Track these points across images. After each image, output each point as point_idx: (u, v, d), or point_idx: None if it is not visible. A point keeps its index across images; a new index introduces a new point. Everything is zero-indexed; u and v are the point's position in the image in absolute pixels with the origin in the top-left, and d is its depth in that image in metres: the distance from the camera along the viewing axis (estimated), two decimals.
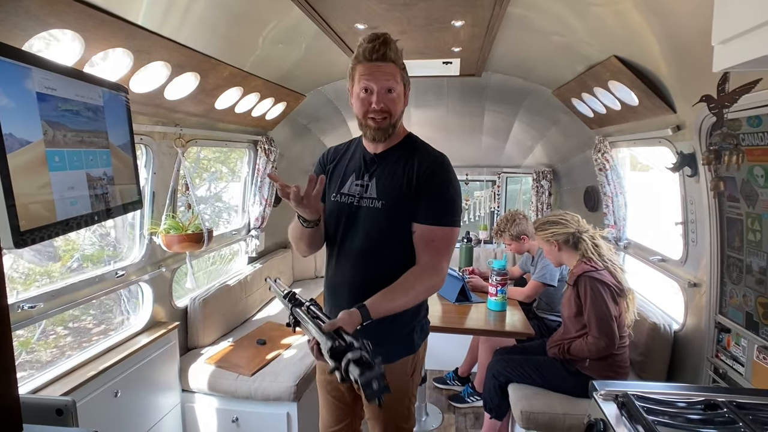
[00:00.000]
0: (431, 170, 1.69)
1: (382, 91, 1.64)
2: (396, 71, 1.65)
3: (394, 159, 1.76)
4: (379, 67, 1.63)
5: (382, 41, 1.62)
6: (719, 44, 1.24)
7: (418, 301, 1.73)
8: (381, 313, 1.59)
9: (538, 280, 3.47)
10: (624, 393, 1.50)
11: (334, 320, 1.43)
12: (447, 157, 1.77)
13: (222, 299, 3.52)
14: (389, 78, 1.64)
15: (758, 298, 2.21)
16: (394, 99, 1.66)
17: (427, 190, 1.68)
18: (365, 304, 1.56)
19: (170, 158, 3.01)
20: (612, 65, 2.59)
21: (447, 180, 1.71)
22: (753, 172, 2.10)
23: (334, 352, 1.25)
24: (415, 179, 1.69)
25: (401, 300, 1.65)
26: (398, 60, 1.66)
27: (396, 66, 1.65)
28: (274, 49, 2.84)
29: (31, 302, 2.11)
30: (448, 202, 1.70)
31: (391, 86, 1.65)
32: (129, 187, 2.02)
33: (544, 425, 2.61)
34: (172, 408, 3.00)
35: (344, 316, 1.48)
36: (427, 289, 1.71)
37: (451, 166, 1.76)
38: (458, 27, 2.57)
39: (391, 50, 1.63)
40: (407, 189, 1.70)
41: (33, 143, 1.39)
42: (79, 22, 1.70)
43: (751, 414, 1.40)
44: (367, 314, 1.54)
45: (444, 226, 1.70)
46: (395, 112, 1.68)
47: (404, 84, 1.71)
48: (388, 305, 1.62)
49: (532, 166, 5.12)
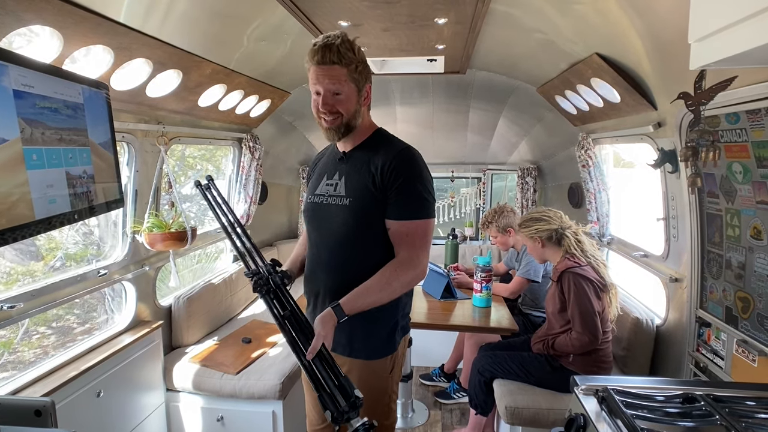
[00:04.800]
0: (395, 165, 1.68)
1: (328, 93, 1.66)
2: (342, 74, 1.65)
3: (360, 156, 1.77)
4: (325, 71, 1.64)
5: (324, 45, 1.61)
6: (696, 42, 1.26)
7: (396, 295, 1.72)
8: (356, 309, 1.61)
9: (522, 276, 3.49)
10: (604, 388, 1.51)
11: (313, 343, 1.45)
12: (412, 149, 1.76)
13: (207, 298, 3.50)
14: (334, 81, 1.64)
15: (737, 292, 2.24)
16: (342, 100, 1.67)
17: (394, 186, 1.67)
18: (339, 303, 1.58)
19: (153, 156, 2.98)
20: (594, 63, 2.61)
21: (412, 173, 1.70)
22: (732, 168, 2.13)
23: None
24: (380, 175, 1.69)
25: (376, 295, 1.66)
26: (347, 60, 1.64)
27: (343, 67, 1.64)
28: (258, 47, 2.82)
29: (11, 302, 2.08)
30: (416, 195, 1.69)
31: (336, 89, 1.66)
32: (110, 185, 1.99)
33: (529, 420, 2.63)
34: (157, 407, 2.98)
35: (318, 328, 1.51)
36: (405, 283, 1.71)
37: (417, 158, 1.74)
38: (441, 24, 2.57)
39: (334, 53, 1.61)
40: (372, 185, 1.70)
41: (9, 141, 1.37)
42: (58, 18, 1.67)
43: (727, 407, 1.42)
44: (342, 312, 1.57)
45: (416, 219, 1.70)
46: (346, 112, 1.69)
47: (357, 83, 1.70)
48: (363, 301, 1.63)
49: (517, 163, 5.14)
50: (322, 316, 1.56)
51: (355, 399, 1.36)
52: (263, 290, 1.57)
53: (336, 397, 1.36)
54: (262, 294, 1.57)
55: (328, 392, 1.38)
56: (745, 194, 2.10)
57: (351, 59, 1.65)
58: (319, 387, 1.40)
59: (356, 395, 1.37)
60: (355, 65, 1.67)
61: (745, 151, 2.01)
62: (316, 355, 1.44)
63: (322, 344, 1.47)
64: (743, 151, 2.03)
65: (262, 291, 1.57)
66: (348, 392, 1.37)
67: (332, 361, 1.46)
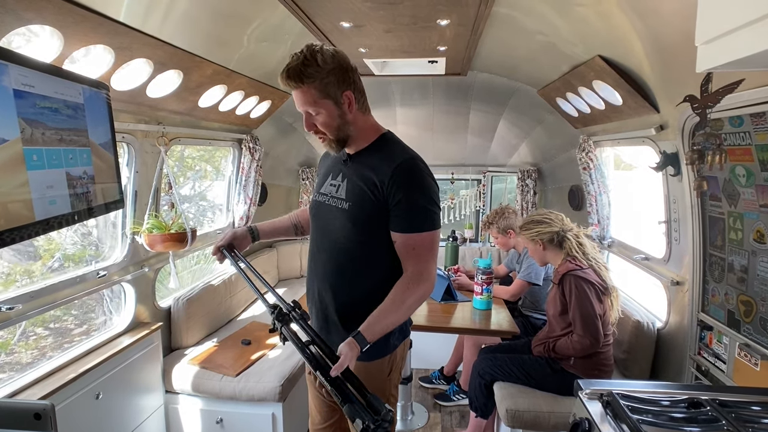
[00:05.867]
0: (398, 177, 1.64)
1: (305, 115, 1.65)
2: (310, 94, 1.59)
3: (363, 161, 1.74)
4: (295, 95, 1.62)
5: (286, 69, 1.57)
6: (703, 45, 1.25)
7: (412, 311, 1.72)
8: (378, 333, 1.58)
9: (523, 279, 3.49)
10: (609, 392, 1.51)
11: (340, 360, 1.43)
12: (416, 159, 1.71)
13: (206, 299, 3.49)
14: (305, 104, 1.61)
15: (739, 296, 2.23)
16: (320, 120, 1.64)
17: (398, 198, 1.64)
18: (360, 330, 1.55)
19: (153, 157, 2.97)
20: (596, 65, 2.61)
21: (416, 186, 1.66)
22: (735, 171, 2.13)
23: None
24: (381, 185, 1.65)
25: (394, 315, 1.64)
26: (311, 78, 1.57)
27: (309, 87, 1.58)
28: (258, 47, 2.81)
29: (10, 303, 2.06)
30: (420, 208, 1.66)
31: (309, 111, 1.63)
32: (110, 186, 1.99)
33: (530, 423, 2.62)
34: (156, 410, 2.96)
35: (345, 350, 1.48)
36: (418, 298, 1.69)
37: (421, 168, 1.69)
38: (444, 26, 2.56)
39: (295, 77, 1.56)
40: (373, 194, 1.67)
41: (9, 141, 1.36)
42: (58, 17, 1.66)
43: (733, 412, 1.41)
44: (363, 340, 1.54)
45: (422, 232, 1.67)
46: (327, 130, 1.66)
47: (331, 95, 1.61)
48: (383, 323, 1.61)
49: (517, 165, 5.13)
50: (347, 343, 1.51)
51: (387, 413, 1.32)
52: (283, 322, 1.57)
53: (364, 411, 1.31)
54: (281, 327, 1.56)
55: (357, 403, 1.34)
56: (749, 197, 2.10)
57: (315, 74, 1.57)
58: (345, 400, 1.35)
59: (388, 408, 1.33)
60: (322, 78, 1.58)
61: (749, 154, 2.01)
62: (342, 374, 1.41)
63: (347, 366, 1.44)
64: (747, 154, 2.02)
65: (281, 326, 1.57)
66: (378, 408, 1.32)
67: (357, 378, 1.42)
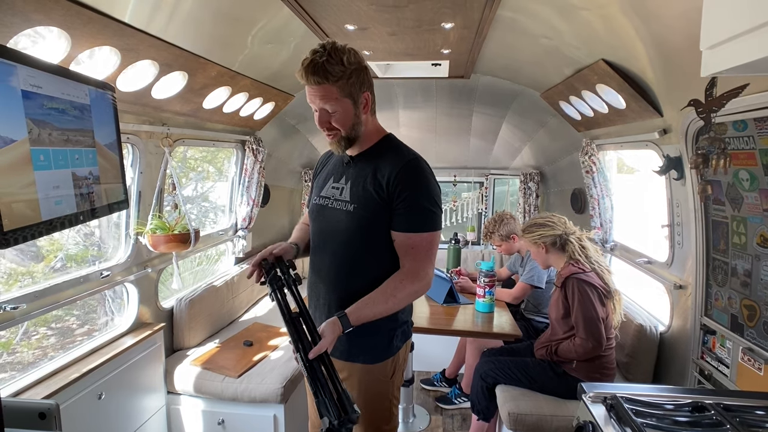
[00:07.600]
0: (402, 177, 1.66)
1: (322, 112, 1.65)
2: (332, 91, 1.60)
3: (367, 163, 1.75)
4: (315, 91, 1.61)
5: (310, 64, 1.56)
6: (707, 49, 1.25)
7: (401, 306, 1.73)
8: (362, 319, 1.62)
9: (526, 282, 3.48)
10: (613, 395, 1.51)
11: (319, 344, 1.47)
12: (420, 160, 1.73)
13: (208, 300, 3.49)
14: (325, 101, 1.61)
15: (743, 300, 2.23)
16: (337, 117, 1.65)
17: (400, 198, 1.65)
18: (345, 313, 1.59)
19: (157, 158, 2.98)
20: (600, 69, 2.61)
21: (419, 185, 1.67)
22: (738, 175, 2.13)
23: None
24: (385, 185, 1.67)
25: (382, 306, 1.66)
26: (336, 76, 1.58)
27: (332, 85, 1.59)
28: (263, 49, 2.82)
29: (14, 303, 2.07)
30: (422, 208, 1.67)
31: (329, 108, 1.63)
32: (115, 186, 1.99)
33: (532, 426, 2.61)
34: (158, 410, 2.96)
35: (326, 328, 1.54)
36: (410, 294, 1.71)
37: (425, 169, 1.71)
38: (448, 29, 2.57)
39: (320, 73, 1.55)
40: (377, 195, 1.68)
41: (17, 141, 1.37)
42: (66, 19, 1.67)
43: (738, 416, 1.41)
44: (348, 323, 1.58)
45: (422, 232, 1.68)
46: (343, 128, 1.67)
47: (351, 95, 1.64)
48: (369, 311, 1.64)
49: (519, 168, 5.14)
50: (329, 322, 1.56)
51: (353, 413, 1.35)
52: (275, 284, 1.58)
53: (332, 409, 1.35)
54: (273, 288, 1.58)
55: (326, 399, 1.37)
56: (752, 201, 2.10)
57: (340, 73, 1.58)
58: (317, 392, 1.39)
59: (355, 410, 1.36)
60: (347, 77, 1.60)
61: (753, 158, 2.01)
62: (319, 359, 1.44)
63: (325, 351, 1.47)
64: (750, 158, 2.02)
65: (274, 285, 1.59)
66: (346, 407, 1.36)
67: (334, 370, 1.45)
